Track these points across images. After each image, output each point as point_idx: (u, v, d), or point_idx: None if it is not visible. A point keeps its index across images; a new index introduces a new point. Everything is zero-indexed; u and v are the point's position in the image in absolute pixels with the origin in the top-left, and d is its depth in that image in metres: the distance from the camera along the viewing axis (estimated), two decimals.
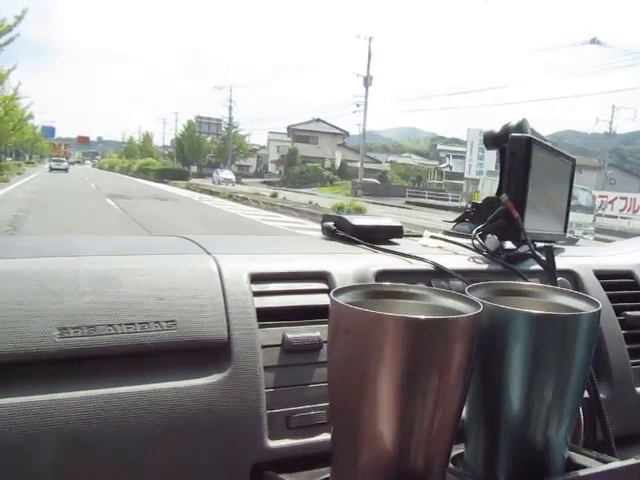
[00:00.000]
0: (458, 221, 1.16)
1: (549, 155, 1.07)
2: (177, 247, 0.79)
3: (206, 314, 0.63)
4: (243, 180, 39.94)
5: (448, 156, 46.67)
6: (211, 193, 22.91)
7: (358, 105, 34.48)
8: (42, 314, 0.57)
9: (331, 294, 0.53)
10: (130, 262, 0.66)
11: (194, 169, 46.50)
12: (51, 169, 43.54)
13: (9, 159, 44.49)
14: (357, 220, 0.97)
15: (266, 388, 0.63)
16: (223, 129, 46.70)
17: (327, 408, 0.63)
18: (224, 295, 0.65)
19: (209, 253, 0.72)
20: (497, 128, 1.08)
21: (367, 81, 33.65)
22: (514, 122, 1.06)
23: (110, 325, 0.58)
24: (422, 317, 0.51)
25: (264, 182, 41.28)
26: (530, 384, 0.58)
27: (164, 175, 36.20)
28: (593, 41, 24.76)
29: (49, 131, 65.83)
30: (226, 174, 36.96)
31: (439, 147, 52.81)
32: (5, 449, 0.51)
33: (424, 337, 0.49)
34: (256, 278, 0.70)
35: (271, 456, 0.61)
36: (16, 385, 0.54)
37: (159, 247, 0.80)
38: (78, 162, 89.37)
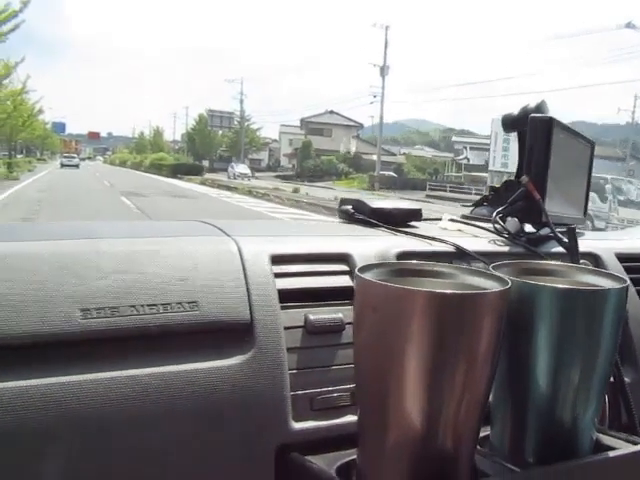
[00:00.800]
0: (477, 205, 1.13)
1: (569, 137, 1.06)
2: (197, 230, 0.80)
3: (228, 295, 0.63)
4: (256, 174, 38.84)
5: (465, 148, 45.20)
6: (229, 189, 22.15)
7: (375, 96, 33.03)
8: (64, 295, 0.56)
9: (356, 271, 0.53)
10: (151, 244, 0.67)
11: (205, 164, 45.54)
12: (62, 165, 44.07)
13: (20, 156, 43.68)
14: (375, 203, 0.97)
15: (289, 369, 0.63)
16: (235, 122, 45.44)
17: (353, 389, 0.63)
18: (245, 276, 0.65)
19: (229, 235, 0.72)
20: (515, 111, 1.07)
21: (383, 71, 32.32)
22: (532, 104, 1.04)
23: (132, 306, 0.58)
24: (452, 292, 0.51)
25: (277, 176, 40.28)
26: (557, 362, 0.58)
27: (178, 170, 35.24)
28: (628, 25, 23.27)
29: (60, 127, 65.18)
30: (242, 168, 35.98)
31: (454, 139, 51.40)
32: (26, 431, 0.50)
33: (454, 312, 0.49)
34: (277, 260, 0.70)
35: (295, 438, 0.61)
36: (39, 367, 0.53)
37: (179, 230, 0.81)
38: (89, 158, 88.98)
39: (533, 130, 0.95)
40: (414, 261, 0.62)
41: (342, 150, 42.97)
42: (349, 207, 0.99)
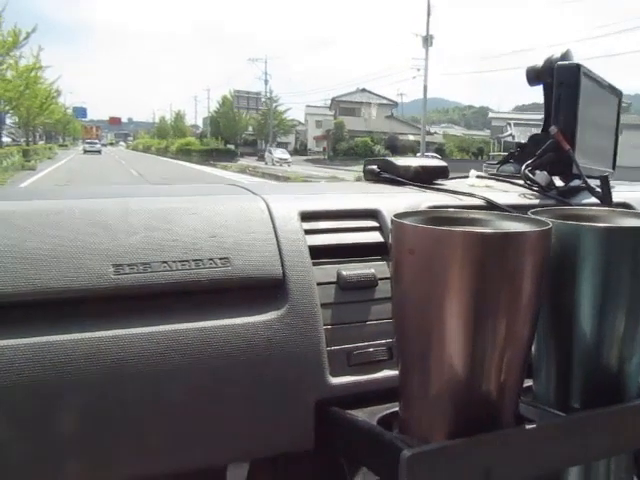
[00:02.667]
0: (502, 162, 1.10)
1: (596, 86, 1.02)
2: (225, 190, 0.81)
3: (259, 252, 0.62)
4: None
5: (509, 124, 41.31)
6: (277, 178, 18.43)
7: (419, 69, 29.54)
8: (96, 251, 0.56)
9: (392, 217, 0.52)
10: (180, 202, 0.66)
11: (230, 148, 42.07)
12: (85, 151, 44.98)
13: (41, 142, 40.96)
14: (401, 161, 0.97)
15: (324, 325, 0.62)
16: (262, 104, 42.11)
17: (390, 344, 0.64)
18: (276, 233, 0.65)
19: (258, 194, 0.72)
20: (540, 62, 1.02)
21: (427, 41, 28.64)
22: (557, 54, 1.01)
23: (164, 262, 0.57)
24: (492, 231, 0.49)
25: (308, 160, 37.10)
26: (602, 306, 0.55)
27: (209, 156, 31.88)
28: None
29: (81, 112, 62.86)
30: (280, 153, 33.10)
31: (491, 115, 47.46)
32: (63, 385, 0.50)
33: (494, 253, 0.47)
34: (306, 216, 0.69)
35: (333, 392, 0.60)
36: (73, 323, 0.53)
37: (207, 190, 0.82)
38: (111, 144, 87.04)
39: (560, 78, 0.93)
40: (449, 209, 0.60)
41: (375, 130, 39.55)
42: (374, 167, 0.97)
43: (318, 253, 0.66)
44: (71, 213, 0.59)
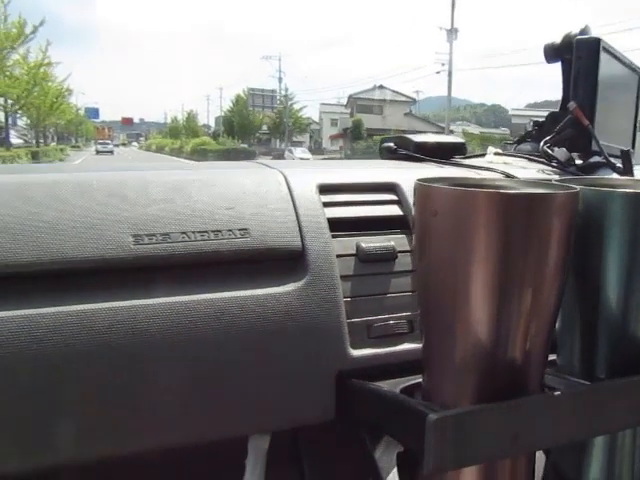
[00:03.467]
0: (519, 141, 1.09)
1: (617, 62, 1.00)
2: (242, 165, 0.81)
3: (278, 223, 0.62)
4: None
5: (532, 121, 39.43)
6: None
7: (443, 64, 27.97)
8: (115, 221, 0.56)
9: (416, 181, 0.50)
10: (198, 174, 0.66)
11: (249, 148, 40.68)
12: (97, 152, 44.69)
13: (53, 144, 39.89)
14: (418, 137, 0.96)
15: (344, 297, 0.61)
16: (277, 102, 40.73)
17: (410, 316, 0.64)
18: (294, 205, 0.64)
19: (275, 168, 0.72)
20: (558, 38, 1.01)
21: (451, 34, 27.02)
22: (575, 30, 0.98)
23: (184, 233, 0.57)
24: (518, 191, 0.48)
25: (325, 160, 35.29)
26: (629, 275, 0.53)
27: (227, 156, 30.38)
28: None
29: (93, 113, 62.05)
30: (301, 152, 31.89)
31: (511, 112, 45.76)
32: (80, 353, 0.50)
33: (521, 214, 0.45)
34: (324, 189, 0.69)
35: (354, 364, 0.60)
36: (91, 292, 0.53)
37: (224, 165, 0.85)
38: (123, 144, 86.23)
39: (580, 53, 0.91)
40: (472, 176, 0.59)
41: (393, 128, 38.02)
42: (391, 144, 0.97)
43: (337, 226, 0.65)
44: (90, 184, 0.58)
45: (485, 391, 0.49)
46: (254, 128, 45.88)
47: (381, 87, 41.89)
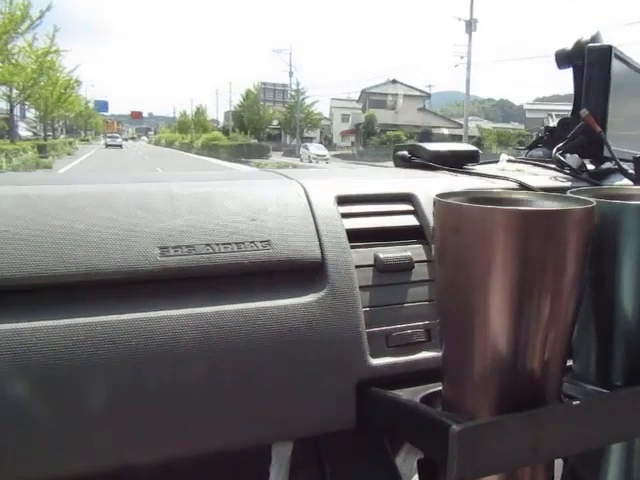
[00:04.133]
0: (531, 147, 1.09)
1: (628, 69, 1.01)
2: (262, 175, 0.83)
3: (299, 235, 0.63)
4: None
5: (550, 115, 38.42)
6: None
7: (462, 57, 27.00)
8: (142, 233, 0.56)
9: (435, 196, 0.51)
10: (220, 186, 0.67)
11: (262, 143, 39.76)
12: (107, 145, 45.63)
13: (62, 136, 39.20)
14: (432, 146, 0.97)
15: (363, 307, 0.62)
16: (289, 96, 39.83)
17: (428, 325, 0.64)
18: (314, 216, 0.65)
19: (294, 179, 0.73)
20: (569, 44, 1.01)
21: (470, 26, 26.04)
22: (586, 36, 0.99)
23: (208, 245, 0.58)
24: (536, 209, 0.49)
25: (336, 156, 34.74)
26: None
27: (240, 152, 29.34)
28: None
29: (102, 106, 61.43)
30: (317, 149, 30.95)
31: (526, 107, 44.67)
32: (111, 364, 0.51)
33: (538, 231, 0.46)
34: (342, 200, 0.70)
35: (374, 373, 0.60)
36: (119, 303, 0.53)
37: (245, 175, 0.84)
38: (132, 138, 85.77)
39: (591, 60, 0.92)
40: (489, 189, 0.60)
41: (406, 124, 37.01)
42: (405, 152, 0.97)
43: (355, 236, 0.66)
44: (117, 196, 0.60)
45: (504, 400, 0.49)
46: (264, 123, 45.03)
47: (394, 82, 40.94)
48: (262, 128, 45.06)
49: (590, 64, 0.91)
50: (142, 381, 0.51)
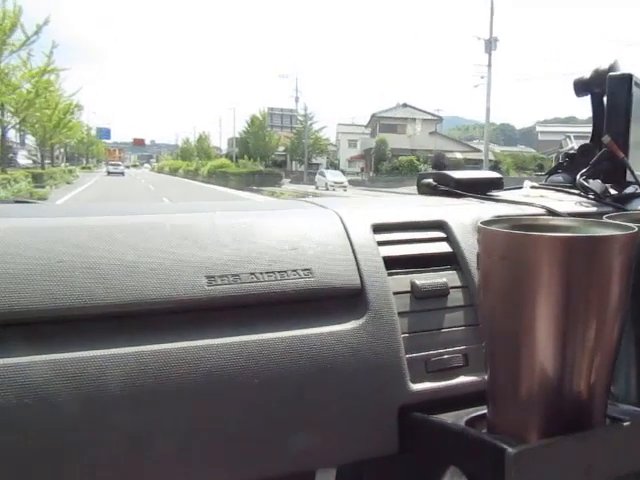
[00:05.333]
0: (550, 173, 1.11)
1: None
2: (298, 204, 0.84)
3: (338, 263, 0.64)
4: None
5: (568, 137, 36.78)
6: None
7: (482, 77, 25.46)
8: (189, 262, 0.57)
9: (479, 224, 0.53)
10: (261, 216, 0.69)
11: (275, 170, 38.00)
12: (109, 173, 45.42)
13: (64, 164, 37.58)
14: (457, 174, 0.98)
15: (402, 333, 0.63)
16: (297, 122, 38.38)
17: (466, 350, 0.65)
18: (351, 244, 0.66)
19: (329, 208, 0.74)
20: (587, 73, 1.04)
21: (490, 45, 24.47)
22: (604, 65, 1.01)
23: (252, 274, 0.59)
24: (582, 235, 0.50)
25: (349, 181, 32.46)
26: None
27: (250, 180, 27.35)
28: None
29: (105, 133, 60.28)
30: (334, 176, 28.62)
31: (539, 129, 43.23)
32: (162, 392, 0.51)
33: (584, 257, 0.47)
34: (378, 228, 0.71)
35: (415, 398, 0.61)
36: (169, 332, 0.54)
37: (282, 205, 0.87)
38: (135, 166, 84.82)
39: (612, 88, 0.94)
40: (531, 216, 0.63)
41: (419, 148, 35.40)
42: (430, 180, 0.99)
43: (391, 263, 0.67)
44: (163, 228, 0.61)
45: (551, 422, 0.50)
46: (270, 149, 43.56)
47: (405, 105, 39.59)
48: (268, 155, 43.57)
49: (611, 92, 0.94)
50: (192, 409, 0.52)
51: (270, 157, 44.66)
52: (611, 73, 0.94)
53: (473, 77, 26.36)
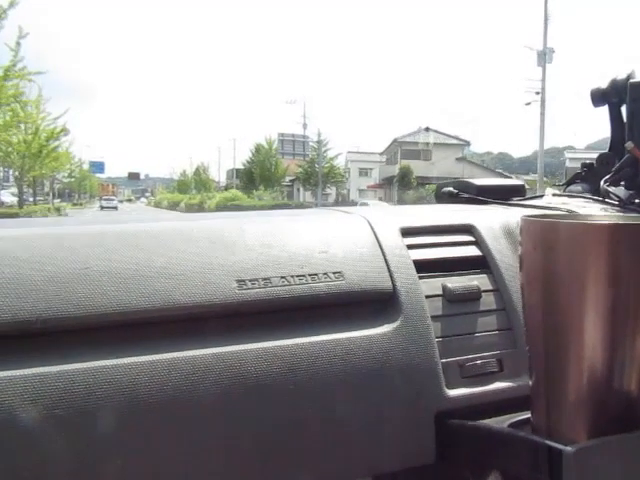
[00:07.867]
0: (569, 183, 1.10)
1: None
2: (324, 212, 0.84)
3: (369, 266, 0.63)
4: None
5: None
6: None
7: (538, 92, 21.56)
8: (219, 267, 0.57)
9: (522, 217, 0.52)
10: (289, 221, 0.70)
11: (297, 202, 33.79)
12: (102, 207, 44.76)
13: (57, 201, 33.28)
14: (479, 181, 0.99)
15: (435, 337, 0.61)
16: (311, 148, 34.33)
17: (500, 355, 0.64)
18: (381, 248, 0.65)
19: (356, 213, 0.74)
20: (604, 84, 1.05)
21: (544, 57, 20.60)
22: (621, 75, 1.02)
23: (283, 277, 0.58)
24: (633, 222, 0.49)
25: None
26: None
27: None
28: None
29: (98, 167, 56.61)
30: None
31: (568, 155, 39.60)
32: (194, 398, 0.50)
33: (634, 242, 0.46)
34: (406, 232, 0.71)
35: (451, 405, 0.59)
36: (200, 337, 0.53)
37: (309, 212, 0.87)
38: (129, 200, 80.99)
39: (634, 95, 0.96)
40: (565, 212, 0.62)
41: (443, 175, 31.25)
42: (451, 188, 0.99)
43: (421, 267, 0.66)
44: (191, 233, 0.60)
45: (601, 422, 0.49)
46: (277, 179, 39.51)
47: (427, 129, 35.79)
48: (274, 185, 39.53)
49: (633, 99, 0.95)
50: (224, 416, 0.50)
51: (275, 188, 40.74)
52: (633, 80, 0.96)
53: (526, 93, 22.66)
